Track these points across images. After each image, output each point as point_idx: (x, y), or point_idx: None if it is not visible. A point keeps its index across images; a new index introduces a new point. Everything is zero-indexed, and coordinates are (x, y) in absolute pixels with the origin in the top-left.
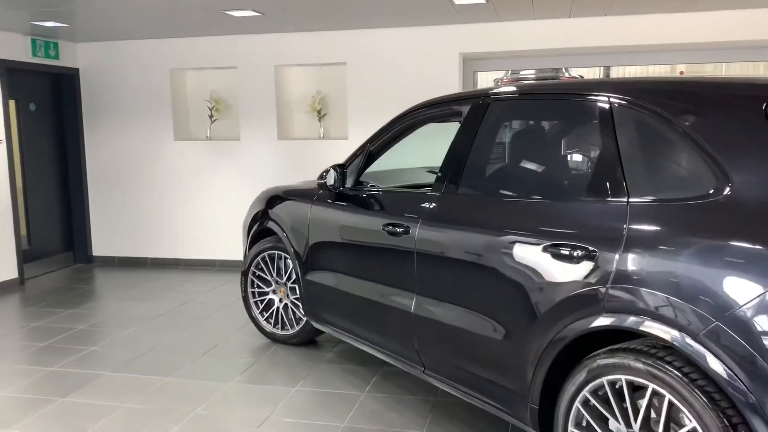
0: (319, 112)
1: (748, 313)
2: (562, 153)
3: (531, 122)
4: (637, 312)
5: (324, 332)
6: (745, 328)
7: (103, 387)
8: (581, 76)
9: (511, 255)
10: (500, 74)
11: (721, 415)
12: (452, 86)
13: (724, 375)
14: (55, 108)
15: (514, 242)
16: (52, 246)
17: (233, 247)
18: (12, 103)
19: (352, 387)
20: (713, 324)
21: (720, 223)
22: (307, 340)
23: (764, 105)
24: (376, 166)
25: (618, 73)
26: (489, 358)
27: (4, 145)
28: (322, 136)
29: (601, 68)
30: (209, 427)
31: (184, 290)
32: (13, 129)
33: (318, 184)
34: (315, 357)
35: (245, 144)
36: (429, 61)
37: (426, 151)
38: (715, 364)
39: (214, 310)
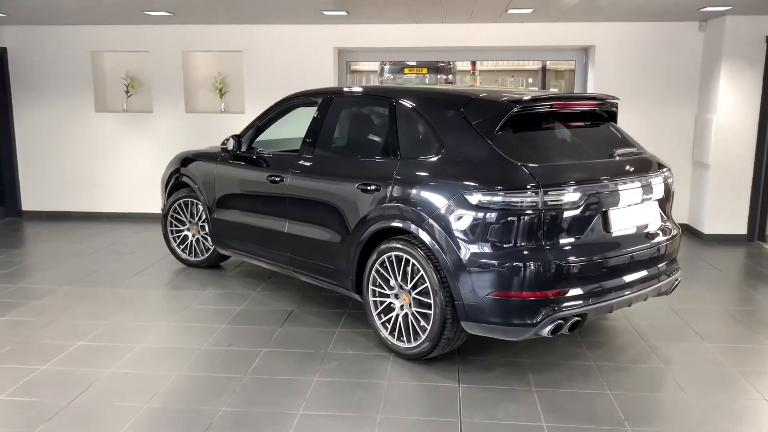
0: (220, 90)
1: (442, 213)
2: (370, 130)
3: (354, 111)
4: (397, 217)
5: (227, 259)
6: (441, 221)
7: (63, 296)
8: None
9: (341, 191)
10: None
11: (434, 269)
12: (328, 73)
13: (432, 246)
14: None
15: (342, 183)
16: None
17: (148, 202)
18: None
19: (247, 288)
20: (428, 219)
21: (438, 169)
22: (214, 264)
23: (461, 108)
24: (267, 135)
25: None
26: (331, 254)
27: None
28: (222, 110)
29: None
30: (150, 312)
31: (110, 235)
32: None
33: (221, 148)
34: (220, 274)
35: (157, 116)
36: (310, 52)
37: (301, 126)
38: (429, 241)
39: (138, 248)
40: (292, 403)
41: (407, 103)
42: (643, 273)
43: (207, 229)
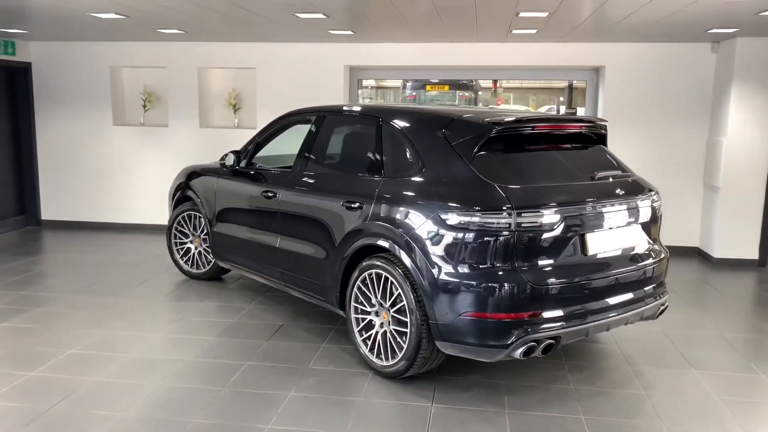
0: (234, 106)
1: (418, 232)
2: (357, 148)
3: (344, 129)
4: (378, 235)
5: (228, 272)
6: (418, 240)
7: (64, 304)
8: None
9: (327, 208)
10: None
11: (411, 287)
12: (339, 89)
13: (409, 265)
14: (10, 95)
15: (329, 200)
16: (6, 210)
17: (162, 214)
18: None
19: (244, 302)
20: (405, 238)
21: (417, 188)
22: (215, 277)
23: (443, 128)
24: (268, 151)
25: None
26: (318, 269)
27: None
28: (236, 125)
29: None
30: (145, 323)
31: (121, 245)
32: None
33: (220, 163)
34: (220, 287)
35: (173, 130)
36: (321, 69)
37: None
38: (406, 259)
39: (146, 259)
40: (264, 417)
41: (392, 123)
42: (624, 297)
43: (208, 242)
